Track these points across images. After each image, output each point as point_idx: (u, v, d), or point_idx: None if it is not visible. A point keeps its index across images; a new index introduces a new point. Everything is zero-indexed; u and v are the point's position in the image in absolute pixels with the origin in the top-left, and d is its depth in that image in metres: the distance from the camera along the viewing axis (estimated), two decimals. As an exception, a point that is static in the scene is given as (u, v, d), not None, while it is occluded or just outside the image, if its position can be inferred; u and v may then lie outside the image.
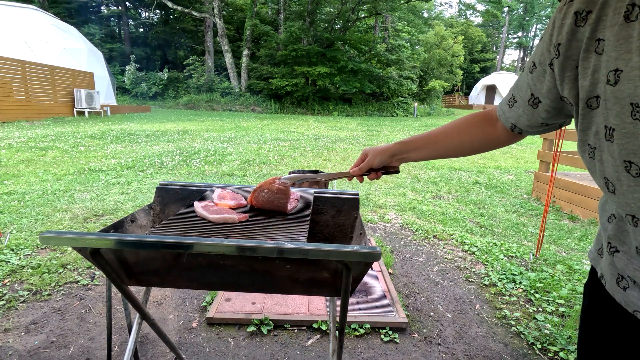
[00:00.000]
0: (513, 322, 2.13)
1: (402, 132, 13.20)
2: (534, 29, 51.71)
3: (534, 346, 1.93)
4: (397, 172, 1.01)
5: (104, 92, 16.28)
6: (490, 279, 2.63)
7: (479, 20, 52.08)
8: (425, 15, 38.02)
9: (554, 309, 2.27)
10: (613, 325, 0.64)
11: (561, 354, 1.87)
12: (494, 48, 51.04)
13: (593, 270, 0.70)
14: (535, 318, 2.18)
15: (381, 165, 0.97)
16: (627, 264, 0.58)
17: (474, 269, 2.80)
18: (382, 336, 1.95)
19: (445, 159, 7.69)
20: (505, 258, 2.98)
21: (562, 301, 2.34)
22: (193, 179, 5.15)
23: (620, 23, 0.49)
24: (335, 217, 1.47)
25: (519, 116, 0.73)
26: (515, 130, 0.77)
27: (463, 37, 35.85)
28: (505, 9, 46.48)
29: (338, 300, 1.63)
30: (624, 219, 0.56)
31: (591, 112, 0.55)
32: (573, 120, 0.64)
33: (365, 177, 1.03)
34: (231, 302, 2.14)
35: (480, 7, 50.29)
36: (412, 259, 2.95)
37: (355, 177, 1.04)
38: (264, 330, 1.95)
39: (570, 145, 5.98)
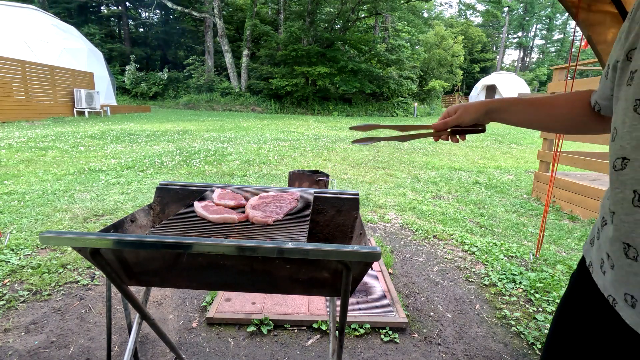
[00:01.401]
0: (513, 322, 2.13)
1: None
2: (534, 29, 51.70)
3: (534, 346, 1.93)
4: (484, 130, 0.91)
5: (104, 92, 16.28)
6: (490, 279, 2.63)
7: (479, 20, 52.09)
8: (425, 15, 38.02)
9: (554, 309, 2.27)
10: (589, 313, 0.66)
11: (561, 354, 1.87)
12: (494, 48, 51.03)
13: (582, 261, 0.72)
14: (535, 318, 2.18)
15: (473, 123, 0.88)
16: (607, 231, 0.60)
17: (474, 269, 2.80)
18: (382, 336, 1.95)
19: (445, 160, 7.67)
20: (505, 258, 2.98)
21: (562, 301, 2.33)
22: (193, 179, 5.15)
23: None
24: (335, 217, 1.47)
25: (598, 91, 0.72)
26: (596, 108, 0.74)
27: (463, 37, 35.85)
28: (505, 9, 46.48)
29: (338, 300, 1.63)
30: (613, 166, 0.57)
31: (628, 64, 0.56)
32: None
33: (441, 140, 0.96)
34: (231, 302, 2.14)
35: (480, 7, 50.31)
36: (412, 259, 2.95)
37: (438, 137, 0.95)
38: (264, 330, 1.95)
39: (570, 145, 5.98)
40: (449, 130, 0.90)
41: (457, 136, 0.92)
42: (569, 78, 3.44)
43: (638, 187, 0.50)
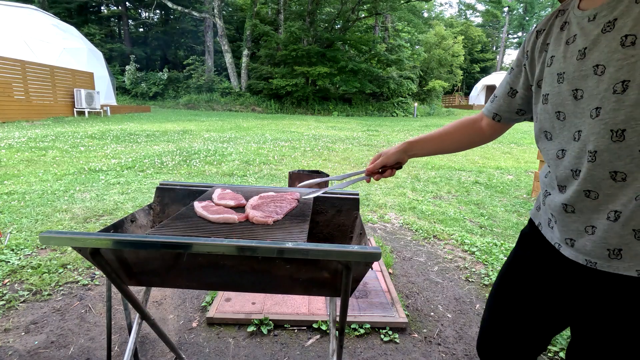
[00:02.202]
0: (513, 322, 2.13)
1: (402, 132, 13.20)
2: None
3: (534, 346, 1.93)
4: (401, 167, 1.18)
5: (104, 92, 16.28)
6: (491, 279, 2.63)
7: (479, 20, 52.07)
8: (425, 15, 38.01)
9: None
10: (540, 257, 0.92)
11: (561, 354, 1.87)
12: (494, 48, 51.04)
13: (531, 223, 0.99)
14: (535, 318, 2.17)
15: (396, 162, 1.14)
16: (553, 198, 0.85)
17: (474, 269, 2.80)
18: (382, 336, 1.95)
19: (445, 159, 7.68)
20: (506, 258, 2.97)
21: (562, 301, 2.33)
22: (193, 179, 5.15)
23: (557, 32, 0.82)
24: (335, 217, 1.47)
25: (499, 106, 1.02)
26: (496, 119, 1.04)
27: (463, 37, 35.83)
28: (505, 9, 46.47)
29: (338, 300, 1.63)
30: (555, 156, 0.82)
31: (539, 89, 0.86)
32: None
33: (373, 179, 1.18)
34: (231, 302, 2.14)
35: (480, 7, 50.30)
36: (412, 259, 2.95)
37: (370, 178, 1.20)
38: (264, 330, 1.95)
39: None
40: (379, 170, 1.16)
41: (385, 172, 1.17)
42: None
43: (574, 167, 0.76)
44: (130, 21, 32.76)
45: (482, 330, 1.08)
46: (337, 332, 1.00)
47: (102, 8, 32.09)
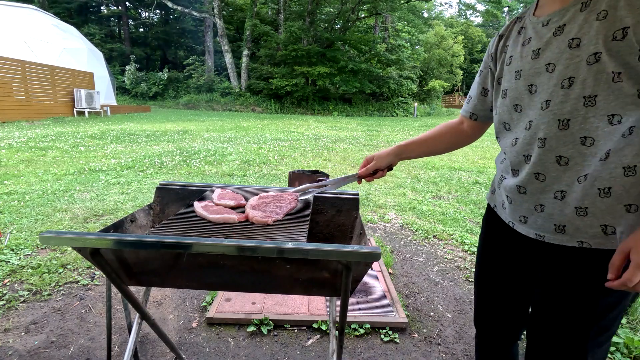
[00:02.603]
0: (513, 322, 2.13)
1: (402, 132, 13.20)
2: (534, 29, 51.54)
3: (534, 346, 1.93)
4: (392, 169, 1.28)
5: (104, 92, 16.28)
6: (490, 279, 2.63)
7: (479, 20, 52.03)
8: (425, 15, 37.99)
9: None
10: (498, 235, 1.06)
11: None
12: (494, 48, 50.93)
13: (488, 207, 1.12)
14: (535, 318, 2.17)
15: (388, 165, 1.22)
16: (507, 181, 0.97)
17: (474, 269, 2.80)
18: (382, 336, 1.95)
19: (445, 160, 7.68)
20: (505, 258, 2.97)
21: (562, 301, 2.33)
22: (193, 179, 5.15)
23: (515, 35, 0.95)
24: (335, 217, 1.47)
25: (474, 105, 1.12)
26: (473, 118, 1.14)
27: (463, 37, 35.82)
28: (505, 9, 46.44)
29: (338, 300, 1.63)
30: (510, 144, 0.94)
31: (499, 86, 0.99)
32: None
33: (364, 180, 1.25)
34: (231, 302, 2.14)
35: (480, 7, 50.26)
36: (412, 259, 2.95)
37: (361, 180, 1.27)
38: (264, 330, 1.95)
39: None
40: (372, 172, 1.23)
41: (377, 174, 1.25)
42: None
43: (526, 153, 0.88)
44: (130, 21, 32.74)
45: (475, 307, 1.22)
46: (337, 332, 1.00)
47: (102, 8, 32.09)
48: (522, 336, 1.17)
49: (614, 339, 1.86)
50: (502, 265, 1.06)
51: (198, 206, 1.17)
